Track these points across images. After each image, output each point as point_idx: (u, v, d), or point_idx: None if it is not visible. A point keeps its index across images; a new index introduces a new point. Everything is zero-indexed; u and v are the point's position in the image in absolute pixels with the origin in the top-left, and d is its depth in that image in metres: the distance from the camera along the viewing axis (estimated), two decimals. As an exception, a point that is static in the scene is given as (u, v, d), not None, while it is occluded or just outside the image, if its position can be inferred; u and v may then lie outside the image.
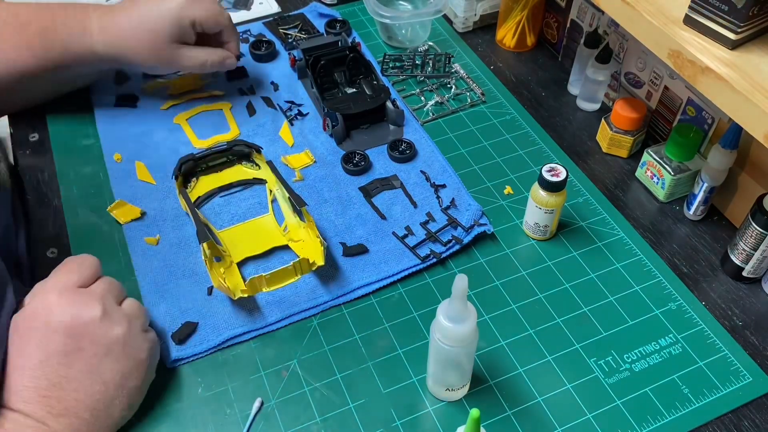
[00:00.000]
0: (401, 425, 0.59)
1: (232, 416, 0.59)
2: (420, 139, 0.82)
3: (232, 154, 0.78)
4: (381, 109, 0.83)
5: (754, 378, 0.62)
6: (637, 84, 0.83)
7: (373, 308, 0.67)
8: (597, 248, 0.72)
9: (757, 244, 0.66)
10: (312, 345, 0.64)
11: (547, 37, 0.97)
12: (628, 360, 0.63)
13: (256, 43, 0.93)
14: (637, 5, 0.63)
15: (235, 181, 0.77)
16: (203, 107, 0.86)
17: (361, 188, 0.77)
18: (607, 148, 0.82)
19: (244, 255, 0.70)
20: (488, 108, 0.88)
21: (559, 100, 0.90)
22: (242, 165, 0.79)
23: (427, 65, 0.92)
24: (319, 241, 0.67)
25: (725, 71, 0.56)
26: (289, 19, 0.99)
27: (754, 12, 0.55)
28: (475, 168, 0.80)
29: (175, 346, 0.63)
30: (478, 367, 0.62)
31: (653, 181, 0.77)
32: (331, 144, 0.82)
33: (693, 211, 0.75)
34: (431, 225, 0.73)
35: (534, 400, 0.60)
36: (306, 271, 0.65)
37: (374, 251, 0.71)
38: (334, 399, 0.60)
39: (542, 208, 0.69)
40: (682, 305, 0.67)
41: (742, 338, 0.65)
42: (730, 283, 0.70)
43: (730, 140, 0.68)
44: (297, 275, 0.65)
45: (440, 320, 0.52)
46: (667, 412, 0.60)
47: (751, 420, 0.60)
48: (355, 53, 0.87)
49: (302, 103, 0.87)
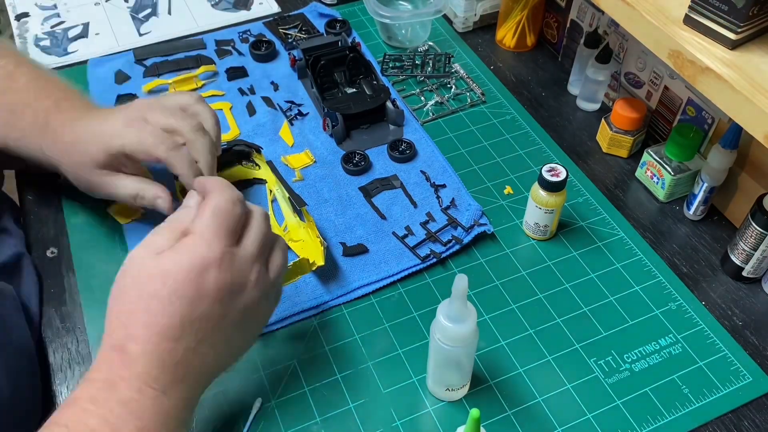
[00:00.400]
0: (401, 425, 0.59)
1: (232, 416, 0.59)
2: (420, 139, 0.82)
3: (232, 154, 0.78)
4: (381, 109, 0.83)
5: (754, 378, 0.62)
6: (637, 84, 0.83)
7: (373, 308, 0.67)
8: (597, 248, 0.72)
9: (757, 244, 0.66)
10: (312, 345, 0.64)
11: (547, 37, 0.97)
12: (628, 360, 0.63)
13: (256, 43, 0.93)
14: (637, 5, 0.63)
15: (234, 181, 0.77)
16: (203, 107, 0.86)
17: (361, 188, 0.77)
18: (607, 148, 0.82)
19: None
20: (488, 108, 0.88)
21: (559, 100, 0.90)
22: (242, 165, 0.79)
23: (427, 65, 0.92)
24: (319, 241, 0.67)
25: (725, 71, 0.56)
26: (289, 19, 0.99)
27: (754, 12, 0.55)
28: (475, 168, 0.80)
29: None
30: (478, 367, 0.62)
31: (653, 181, 0.77)
32: (331, 144, 0.82)
33: (693, 211, 0.75)
34: (431, 225, 0.73)
35: (534, 400, 0.60)
36: (306, 271, 0.65)
37: (374, 251, 0.71)
38: (334, 399, 0.60)
39: (542, 208, 0.69)
40: (682, 305, 0.67)
41: (742, 338, 0.65)
42: (730, 283, 0.70)
43: (730, 140, 0.68)
44: (297, 276, 0.65)
45: (440, 320, 0.52)
46: (667, 412, 0.60)
47: (751, 420, 0.60)
48: (355, 53, 0.87)
49: (302, 103, 0.87)
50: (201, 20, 1.00)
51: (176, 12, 1.02)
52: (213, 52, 0.94)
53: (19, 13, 1.00)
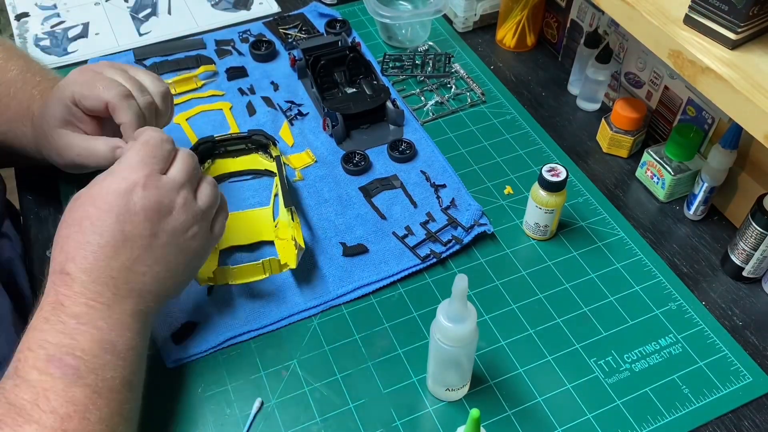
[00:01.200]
0: (401, 425, 0.59)
1: (232, 416, 0.59)
2: (420, 139, 0.82)
3: (251, 142, 0.78)
4: (381, 109, 0.83)
5: (754, 378, 0.62)
6: (637, 84, 0.83)
7: (373, 308, 0.67)
8: (597, 248, 0.72)
9: (757, 244, 0.66)
10: (312, 345, 0.64)
11: (547, 37, 0.97)
12: (628, 360, 0.63)
13: (256, 43, 0.93)
14: (637, 5, 0.63)
15: (247, 169, 0.78)
16: (203, 107, 0.86)
17: (361, 188, 0.77)
18: (607, 148, 0.82)
19: (231, 243, 0.70)
20: (488, 108, 0.88)
21: (559, 100, 0.90)
22: (259, 155, 0.79)
23: (427, 65, 0.92)
24: (294, 243, 0.66)
25: (725, 71, 0.56)
26: (289, 19, 0.99)
27: (754, 12, 0.55)
28: (475, 168, 0.80)
29: (175, 346, 0.63)
30: (478, 367, 0.62)
31: (653, 181, 0.77)
32: (331, 144, 0.82)
33: (693, 211, 0.75)
34: (431, 225, 0.73)
35: (534, 400, 0.60)
36: (276, 271, 0.65)
37: (374, 251, 0.71)
38: (334, 399, 0.60)
39: (542, 208, 0.69)
40: (682, 305, 0.67)
41: (742, 338, 0.65)
42: (730, 283, 0.70)
43: (730, 140, 0.68)
44: (265, 273, 0.65)
45: (440, 320, 0.52)
46: (667, 412, 0.60)
47: (751, 420, 0.60)
48: (355, 53, 0.87)
49: (302, 103, 0.87)
50: (201, 20, 1.00)
51: (176, 12, 1.02)
52: (213, 52, 0.94)
53: (19, 13, 1.00)
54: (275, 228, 0.71)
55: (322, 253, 0.70)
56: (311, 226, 0.73)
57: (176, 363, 0.62)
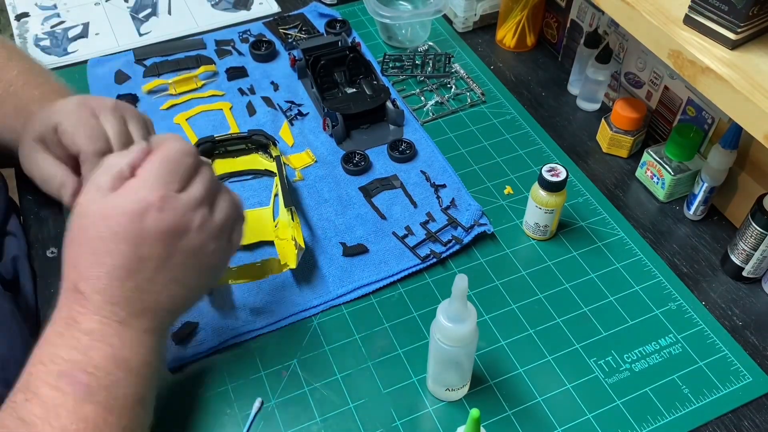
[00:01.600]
0: (401, 425, 0.59)
1: (232, 416, 0.59)
2: (420, 139, 0.82)
3: (251, 142, 0.78)
4: (381, 109, 0.83)
5: (754, 378, 0.62)
6: (637, 84, 0.83)
7: (373, 308, 0.67)
8: (597, 248, 0.72)
9: (757, 244, 0.66)
10: (312, 345, 0.64)
11: (547, 37, 0.97)
12: (628, 360, 0.63)
13: (256, 43, 0.93)
14: (637, 5, 0.63)
15: (247, 169, 0.78)
16: (203, 107, 0.86)
17: (361, 188, 0.77)
18: (607, 148, 0.82)
19: None
20: (488, 108, 0.88)
21: (559, 100, 0.90)
22: (259, 155, 0.79)
23: (427, 65, 0.92)
24: (293, 243, 0.66)
25: (725, 71, 0.56)
26: (289, 19, 0.99)
27: (754, 12, 0.55)
28: (475, 168, 0.80)
29: (176, 346, 0.63)
30: (478, 367, 0.62)
31: (653, 181, 0.77)
32: (331, 144, 0.82)
33: (693, 211, 0.75)
34: (431, 225, 0.73)
35: (534, 400, 0.60)
36: (276, 271, 0.65)
37: (374, 251, 0.71)
38: (334, 399, 0.60)
39: (542, 208, 0.69)
40: (682, 305, 0.67)
41: (742, 338, 0.65)
42: (730, 283, 0.70)
43: (730, 140, 0.68)
44: (265, 273, 0.65)
45: (440, 320, 0.52)
46: (667, 412, 0.60)
47: (751, 420, 0.60)
48: (355, 53, 0.87)
49: (302, 103, 0.87)
50: (201, 20, 1.00)
51: (176, 12, 1.02)
52: (213, 52, 0.94)
53: (19, 13, 1.00)
54: (275, 228, 0.71)
55: (322, 253, 0.70)
56: (311, 226, 0.73)
57: (176, 363, 0.62)
